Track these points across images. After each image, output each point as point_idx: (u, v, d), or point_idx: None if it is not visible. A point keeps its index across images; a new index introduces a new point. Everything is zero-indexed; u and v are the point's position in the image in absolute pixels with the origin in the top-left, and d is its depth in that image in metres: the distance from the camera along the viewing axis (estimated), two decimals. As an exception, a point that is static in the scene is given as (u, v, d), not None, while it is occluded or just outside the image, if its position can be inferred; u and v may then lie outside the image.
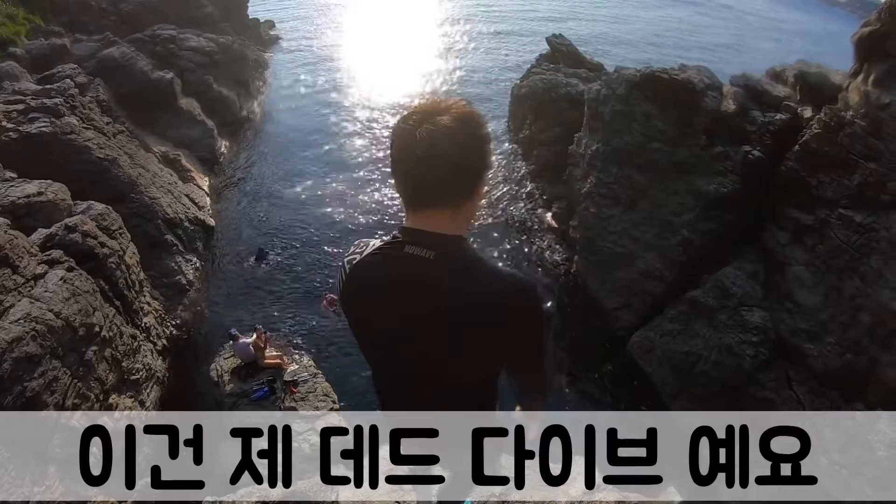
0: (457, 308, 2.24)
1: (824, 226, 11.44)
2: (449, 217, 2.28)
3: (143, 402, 13.18)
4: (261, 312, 17.02)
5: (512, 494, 7.79)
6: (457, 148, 2.14)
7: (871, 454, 9.90)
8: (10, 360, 9.64)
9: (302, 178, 23.96)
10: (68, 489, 10.50)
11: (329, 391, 14.23)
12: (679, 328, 14.21)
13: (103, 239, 12.90)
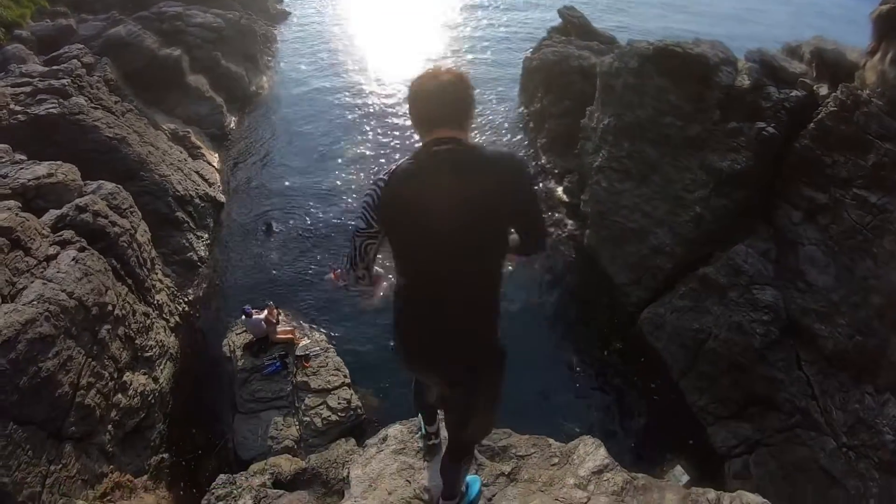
0: (473, 175, 3.24)
1: (838, 205, 11.29)
2: (455, 131, 3.34)
3: (156, 379, 13.38)
4: (272, 287, 17.13)
5: (521, 474, 7.87)
6: (454, 89, 3.33)
7: (878, 437, 9.90)
8: (24, 342, 9.78)
9: (311, 152, 23.91)
10: (84, 466, 10.74)
11: (340, 365, 14.42)
12: (689, 305, 14.18)
13: (114, 218, 12.97)
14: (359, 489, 7.23)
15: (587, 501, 6.89)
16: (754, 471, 12.02)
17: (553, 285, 17.57)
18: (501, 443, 8.82)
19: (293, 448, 12.92)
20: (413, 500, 6.97)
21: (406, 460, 7.57)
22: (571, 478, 7.48)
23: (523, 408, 14.32)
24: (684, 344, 14.13)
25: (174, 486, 12.78)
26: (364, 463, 7.63)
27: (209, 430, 14.13)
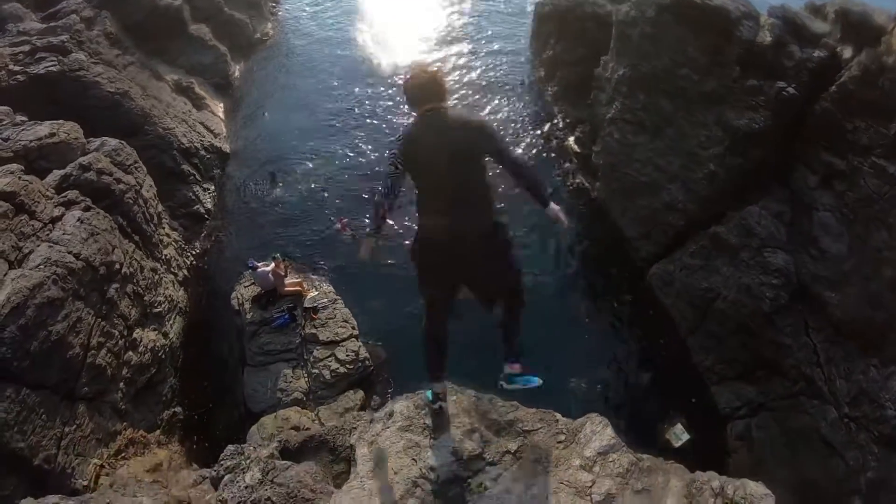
0: (450, 132, 5.20)
1: (855, 173, 10.97)
2: (437, 104, 5.32)
3: (166, 334, 13.53)
4: (279, 238, 17.11)
5: (526, 452, 7.94)
6: (436, 79, 5.37)
7: (881, 411, 9.93)
8: (33, 307, 9.84)
9: (317, 101, 23.42)
10: (98, 425, 10.97)
11: (348, 317, 14.45)
12: (699, 263, 14.07)
13: (119, 175, 12.84)
14: (365, 468, 7.30)
15: (591, 485, 6.95)
16: (756, 434, 12.16)
17: (563, 237, 17.43)
18: (508, 416, 8.85)
19: (302, 400, 13.12)
20: (419, 480, 7.05)
21: (412, 438, 7.61)
22: (577, 458, 7.51)
23: (532, 357, 14.48)
24: (693, 302, 14.09)
25: (186, 440, 13.10)
26: (370, 440, 7.70)
27: (220, 383, 14.42)
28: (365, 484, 6.97)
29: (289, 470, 7.96)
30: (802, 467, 10.99)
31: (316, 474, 8.09)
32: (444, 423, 8.10)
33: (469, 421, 7.92)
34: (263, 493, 7.58)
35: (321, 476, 8.16)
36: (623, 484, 7.18)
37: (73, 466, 10.11)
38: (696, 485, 6.88)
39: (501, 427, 8.72)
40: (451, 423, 7.93)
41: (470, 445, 7.60)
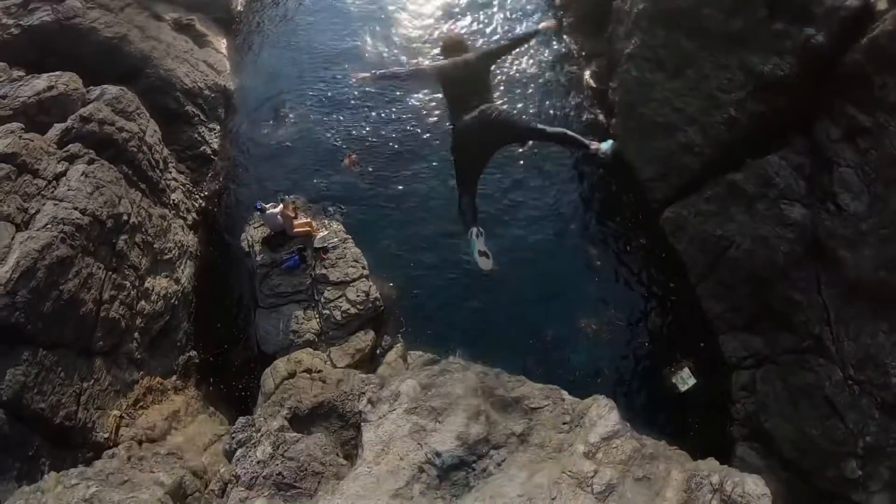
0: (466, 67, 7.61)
1: (881, 131, 10.39)
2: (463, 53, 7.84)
3: (178, 280, 13.68)
4: (287, 177, 16.89)
5: (531, 436, 8.08)
6: (462, 41, 8.31)
7: (885, 378, 9.91)
8: (43, 269, 9.94)
9: (324, 35, 22.12)
10: (115, 378, 11.29)
11: (359, 256, 14.51)
12: (714, 210, 13.74)
13: (121, 123, 12.61)
14: (371, 454, 7.49)
15: (593, 475, 7.09)
16: (760, 387, 12.28)
17: (575, 173, 17.07)
18: (515, 393, 8.96)
19: (314, 341, 13.38)
20: (425, 465, 7.23)
21: (418, 421, 7.75)
22: (581, 444, 7.62)
23: (543, 297, 14.68)
24: (705, 249, 13.87)
25: (202, 383, 13.51)
26: (376, 424, 7.85)
27: (233, 326, 14.68)
28: (372, 470, 7.16)
29: (298, 443, 8.22)
30: (802, 424, 11.14)
31: (325, 446, 8.35)
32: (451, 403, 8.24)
33: (475, 402, 8.05)
34: (274, 467, 7.86)
35: (330, 448, 8.43)
36: (624, 471, 7.32)
37: (94, 420, 10.52)
38: (696, 479, 7.01)
39: (508, 404, 8.85)
40: (457, 404, 8.08)
41: (475, 430, 7.72)
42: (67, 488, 7.61)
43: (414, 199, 16.45)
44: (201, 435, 10.72)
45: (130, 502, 7.40)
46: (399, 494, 6.82)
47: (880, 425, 9.96)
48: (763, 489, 6.88)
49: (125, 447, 10.41)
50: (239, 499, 7.47)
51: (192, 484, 8.22)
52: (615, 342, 14.21)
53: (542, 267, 15.21)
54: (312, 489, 7.74)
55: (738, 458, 12.16)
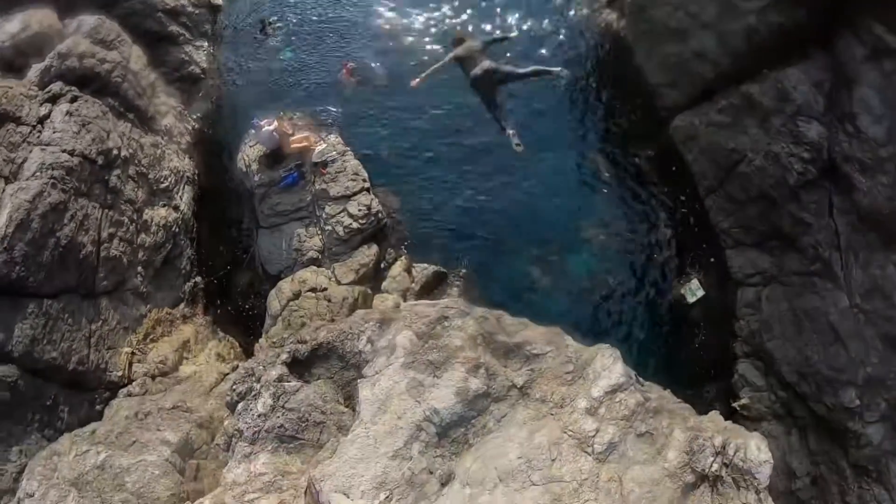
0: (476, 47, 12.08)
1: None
2: None
3: (177, 207, 13.54)
4: (281, 90, 16.29)
5: (533, 389, 8.07)
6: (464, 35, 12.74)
7: (892, 310, 9.79)
8: (37, 219, 9.81)
9: None
10: (123, 315, 11.44)
11: (359, 169, 14.23)
12: (727, 121, 13.15)
13: (102, 54, 12.06)
14: (368, 413, 7.51)
15: (594, 434, 7.13)
16: (765, 306, 12.26)
17: (586, 77, 16.29)
18: (516, 338, 8.85)
19: (318, 259, 13.40)
20: (423, 423, 7.28)
21: (416, 377, 7.72)
22: (584, 399, 7.59)
23: (549, 207, 14.53)
24: (716, 161, 13.41)
25: (210, 307, 13.68)
26: (372, 381, 7.84)
27: (236, 247, 14.66)
28: (370, 431, 7.19)
29: (298, 393, 8.24)
30: (804, 347, 11.19)
31: (325, 394, 8.38)
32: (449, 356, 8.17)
33: (474, 355, 7.96)
34: (276, 420, 7.96)
35: (331, 395, 8.45)
36: (627, 427, 7.34)
37: (106, 361, 10.78)
38: (699, 441, 7.03)
39: (509, 350, 8.78)
40: (455, 357, 8.01)
41: (475, 384, 7.67)
42: (79, 455, 7.87)
43: (413, 106, 15.84)
44: (209, 370, 10.95)
45: (139, 466, 7.67)
46: (398, 455, 6.91)
47: (882, 357, 9.97)
48: (766, 454, 6.90)
49: (139, 384, 10.75)
50: (243, 454, 7.66)
51: (198, 438, 8.48)
52: (621, 253, 14.15)
53: (548, 176, 14.92)
54: (315, 439, 7.89)
55: (740, 375, 12.39)
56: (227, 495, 7.17)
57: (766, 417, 11.74)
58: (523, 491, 6.56)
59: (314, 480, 6.65)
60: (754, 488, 6.95)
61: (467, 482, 6.72)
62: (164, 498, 7.85)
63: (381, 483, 6.61)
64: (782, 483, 11.16)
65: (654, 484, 6.70)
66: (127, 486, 7.85)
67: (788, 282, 11.99)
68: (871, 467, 10.02)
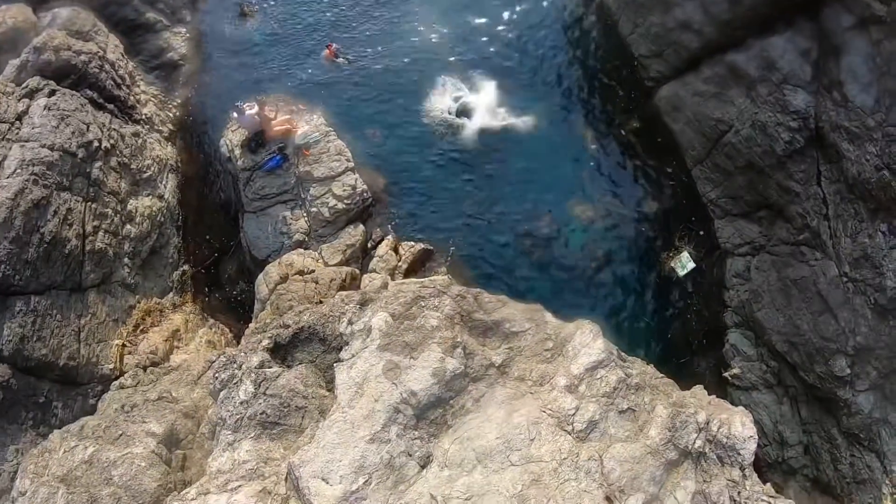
0: None
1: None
2: None
3: (161, 196, 13.49)
4: (261, 73, 16.13)
5: (511, 368, 8.02)
6: None
7: (881, 279, 9.70)
8: (20, 216, 9.79)
9: None
10: (111, 307, 11.44)
11: (342, 149, 14.14)
12: (713, 91, 13.03)
13: (78, 46, 11.96)
14: (346, 396, 7.47)
15: (574, 412, 7.07)
16: (754, 275, 12.20)
17: (569, 49, 16.09)
18: (495, 316, 8.79)
19: (304, 241, 13.37)
20: (400, 406, 7.24)
21: (392, 359, 7.67)
22: (563, 377, 7.53)
23: (536, 181, 14.38)
24: (703, 131, 13.34)
25: (198, 295, 13.67)
26: (349, 364, 7.79)
27: (222, 234, 14.59)
28: (347, 415, 7.17)
29: (280, 378, 8.19)
30: (794, 316, 11.13)
31: (307, 378, 8.31)
32: (425, 337, 8.11)
33: (451, 335, 7.93)
34: (258, 407, 7.93)
35: (312, 379, 8.37)
36: (608, 404, 7.27)
37: (97, 354, 10.80)
38: (682, 418, 6.98)
39: (488, 328, 8.73)
40: (431, 337, 7.95)
41: (452, 364, 7.63)
42: (68, 451, 7.91)
43: (396, 83, 15.76)
44: (198, 359, 10.96)
45: (126, 459, 7.70)
46: (376, 438, 6.88)
47: (871, 326, 9.94)
48: (750, 430, 6.83)
49: (131, 375, 10.76)
50: (227, 442, 7.66)
51: (183, 427, 8.48)
52: (611, 227, 14.05)
53: (534, 148, 14.82)
54: (297, 425, 7.85)
55: (731, 344, 12.38)
56: (211, 484, 7.18)
57: (756, 387, 11.75)
58: (502, 472, 6.53)
59: (293, 467, 6.67)
60: (739, 464, 6.94)
61: (446, 464, 6.69)
62: (152, 490, 7.87)
63: (359, 467, 6.60)
64: (774, 452, 11.25)
65: (635, 462, 6.62)
66: (114, 480, 7.87)
67: (777, 251, 11.94)
68: (863, 435, 10.04)
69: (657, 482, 6.53)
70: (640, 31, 14.66)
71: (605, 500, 6.26)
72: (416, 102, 15.36)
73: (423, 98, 15.39)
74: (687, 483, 6.61)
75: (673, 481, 6.62)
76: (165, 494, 7.80)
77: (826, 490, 10.49)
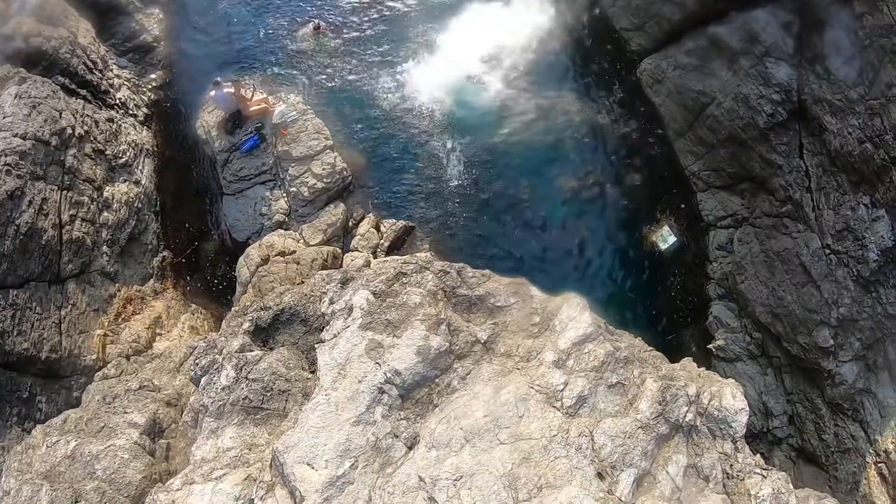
0: None
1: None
2: None
3: (138, 182, 13.25)
4: (236, 52, 15.74)
5: (497, 344, 7.92)
6: None
7: (863, 252, 9.76)
8: (-7, 208, 9.53)
9: None
10: (91, 297, 11.26)
11: (321, 128, 13.96)
12: (695, 64, 12.97)
13: (48, 31, 11.74)
14: (328, 378, 7.32)
15: (563, 387, 6.98)
16: (737, 248, 12.26)
17: (549, 23, 15.90)
18: (479, 290, 8.67)
19: (284, 221, 13.31)
20: (385, 386, 7.12)
21: (374, 338, 7.52)
22: (551, 351, 7.42)
23: (518, 156, 14.31)
24: (685, 104, 13.31)
25: (179, 281, 13.49)
26: (331, 345, 7.64)
27: (201, 218, 14.37)
28: (330, 397, 7.03)
29: (261, 362, 8.01)
30: (777, 288, 11.19)
31: (288, 361, 8.13)
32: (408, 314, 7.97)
33: (434, 311, 7.83)
34: (240, 392, 7.76)
35: (294, 361, 8.20)
36: (597, 379, 7.19)
37: (79, 346, 10.65)
38: (671, 391, 6.94)
39: (472, 303, 8.61)
40: (414, 315, 7.80)
41: (436, 342, 7.50)
42: (50, 447, 7.78)
43: (373, 56, 15.52)
44: (180, 346, 10.83)
45: (108, 451, 7.58)
46: (361, 420, 6.79)
47: (854, 298, 10.03)
48: (741, 402, 6.79)
49: (114, 365, 10.60)
50: (210, 429, 7.54)
51: (166, 416, 8.36)
52: (593, 200, 14.08)
53: (516, 122, 14.69)
54: (281, 408, 7.72)
55: (715, 317, 12.47)
56: (195, 473, 7.07)
57: (741, 358, 11.84)
58: (491, 451, 6.45)
59: (277, 453, 6.57)
60: (731, 437, 6.90)
61: (433, 444, 6.61)
62: (136, 482, 7.74)
63: (345, 451, 6.52)
64: (759, 422, 11.35)
65: (626, 437, 6.56)
66: (98, 474, 7.73)
67: (760, 223, 11.97)
68: (846, 405, 10.16)
69: (649, 457, 6.51)
70: (621, 3, 14.55)
71: (596, 476, 6.22)
72: (396, 73, 15.19)
73: (403, 69, 15.21)
74: (679, 457, 6.60)
75: (664, 455, 6.61)
76: (150, 486, 7.65)
77: (811, 459, 10.62)
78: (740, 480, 6.54)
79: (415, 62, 15.32)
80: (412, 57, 15.38)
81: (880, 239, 9.56)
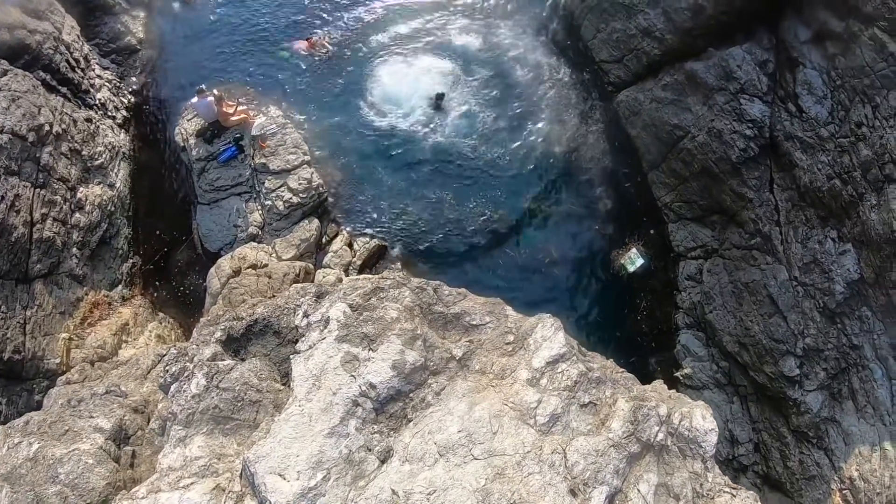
0: None
1: (852, 39, 9.84)
2: None
3: (112, 185, 13.08)
4: (220, 61, 15.75)
5: (472, 361, 7.96)
6: None
7: (829, 284, 10.05)
8: (-36, 199, 9.31)
9: None
10: (58, 299, 11.01)
11: (299, 142, 14.04)
12: (671, 98, 13.33)
13: (33, 25, 11.57)
14: (302, 389, 7.26)
15: (537, 405, 7.02)
16: (706, 278, 12.51)
17: (530, 51, 16.22)
18: (455, 309, 8.70)
19: (257, 234, 13.22)
20: (359, 399, 7.06)
21: (350, 350, 7.47)
22: (525, 370, 7.47)
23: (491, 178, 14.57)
24: (659, 137, 13.65)
25: (148, 288, 13.30)
26: (306, 356, 7.59)
27: (174, 226, 14.22)
28: (304, 408, 6.96)
29: (233, 371, 7.91)
30: (745, 318, 11.46)
31: (261, 371, 8.05)
32: (385, 328, 7.97)
33: (411, 327, 7.81)
34: (210, 401, 7.64)
35: (266, 372, 8.13)
36: (570, 398, 7.24)
37: (43, 348, 10.38)
38: (643, 411, 6.98)
39: (448, 321, 8.63)
40: (390, 329, 7.84)
41: (412, 357, 7.49)
42: (11, 448, 7.53)
43: (353, 74, 15.66)
44: (147, 353, 10.60)
45: (72, 456, 7.37)
46: (334, 433, 6.70)
47: (820, 329, 10.29)
48: (711, 423, 6.87)
49: (78, 370, 10.33)
50: (178, 438, 7.39)
51: (132, 423, 8.15)
52: (564, 224, 14.34)
53: (491, 145, 14.95)
54: (251, 419, 7.61)
55: (682, 345, 12.67)
56: (162, 482, 6.91)
57: (707, 386, 12.04)
58: (464, 465, 6.43)
59: (248, 462, 6.46)
60: (700, 457, 6.97)
61: (407, 458, 6.56)
62: (100, 488, 7.52)
63: (317, 462, 6.43)
64: (725, 449, 11.50)
65: (599, 455, 6.57)
66: (61, 478, 7.49)
67: (729, 255, 12.25)
68: (811, 433, 10.37)
69: (621, 475, 6.54)
70: (602, 36, 14.90)
71: (569, 493, 6.24)
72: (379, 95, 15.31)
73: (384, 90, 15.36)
74: (650, 476, 6.64)
75: (636, 474, 6.65)
76: (115, 493, 7.45)
77: (776, 486, 10.80)
78: (710, 499, 6.61)
79: (394, 80, 15.51)
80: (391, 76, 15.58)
81: (846, 272, 9.86)
